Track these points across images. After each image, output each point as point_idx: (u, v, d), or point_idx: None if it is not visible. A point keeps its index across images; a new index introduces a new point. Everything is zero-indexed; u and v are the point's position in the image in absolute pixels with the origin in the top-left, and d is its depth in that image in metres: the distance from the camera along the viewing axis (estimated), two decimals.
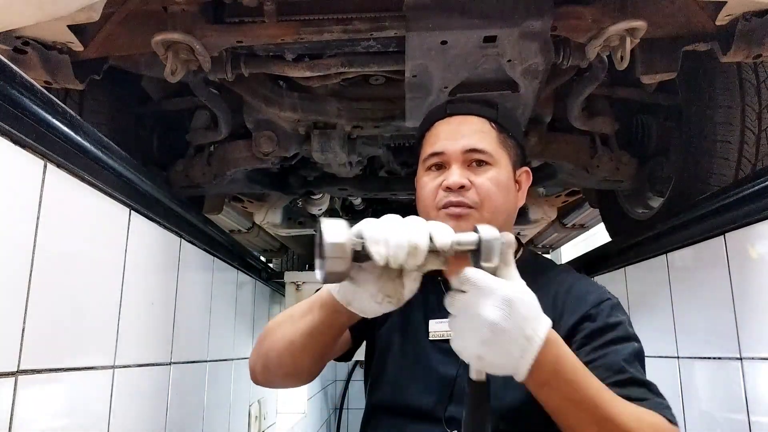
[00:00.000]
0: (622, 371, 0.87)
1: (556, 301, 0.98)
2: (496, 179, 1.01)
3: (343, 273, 0.72)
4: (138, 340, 1.20)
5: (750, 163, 1.55)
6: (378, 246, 0.72)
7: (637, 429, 0.78)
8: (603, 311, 0.94)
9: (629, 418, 0.79)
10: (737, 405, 1.28)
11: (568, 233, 3.37)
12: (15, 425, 0.79)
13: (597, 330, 0.92)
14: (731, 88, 1.54)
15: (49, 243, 0.87)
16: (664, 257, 1.63)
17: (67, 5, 0.96)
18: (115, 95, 1.67)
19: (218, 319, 1.77)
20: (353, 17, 1.24)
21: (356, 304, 0.81)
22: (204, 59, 1.27)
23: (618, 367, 0.87)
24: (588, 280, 1.05)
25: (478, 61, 1.27)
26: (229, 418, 1.91)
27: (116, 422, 1.08)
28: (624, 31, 1.21)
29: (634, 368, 0.88)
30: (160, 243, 1.35)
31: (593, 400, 0.77)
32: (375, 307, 0.79)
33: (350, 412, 5.09)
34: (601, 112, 1.82)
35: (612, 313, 0.94)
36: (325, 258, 0.70)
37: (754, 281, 1.24)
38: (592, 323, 0.93)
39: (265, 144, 1.74)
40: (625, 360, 0.89)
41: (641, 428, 0.79)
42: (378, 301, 0.79)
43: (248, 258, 2.18)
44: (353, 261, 0.72)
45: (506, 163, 1.03)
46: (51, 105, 0.87)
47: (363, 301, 0.79)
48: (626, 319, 0.96)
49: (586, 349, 0.91)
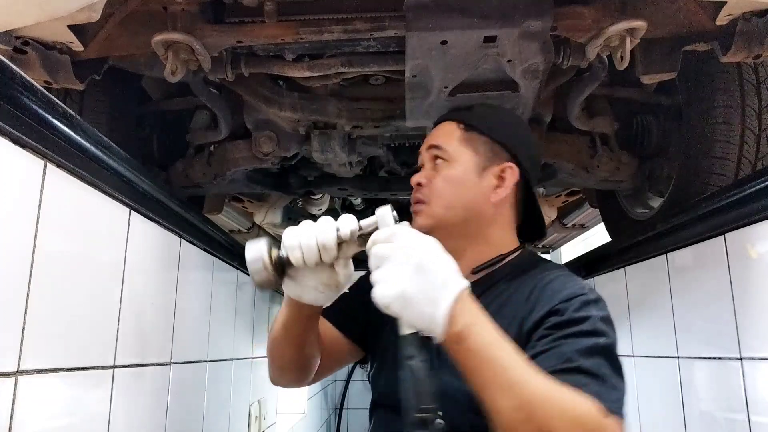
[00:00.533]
0: (570, 360, 0.83)
1: (530, 295, 0.96)
2: (448, 175, 1.05)
3: (269, 281, 0.89)
4: (138, 340, 1.20)
5: (750, 163, 1.55)
6: (294, 251, 0.87)
7: (548, 399, 0.75)
8: (572, 306, 0.90)
9: (543, 389, 0.76)
10: (737, 405, 1.28)
11: (568, 233, 3.37)
12: (15, 425, 0.79)
13: (561, 323, 0.89)
14: (731, 88, 1.54)
15: (49, 243, 0.87)
16: (664, 257, 1.63)
17: (67, 5, 0.96)
18: (115, 95, 1.67)
19: (218, 319, 1.77)
20: (353, 17, 1.24)
21: (306, 297, 0.95)
22: (204, 59, 1.27)
23: (568, 356, 0.83)
24: (571, 278, 0.99)
25: (478, 61, 1.27)
26: (229, 418, 1.91)
27: (116, 422, 1.08)
28: (624, 31, 1.20)
29: (588, 360, 0.83)
30: (160, 243, 1.35)
31: (505, 365, 0.77)
32: (320, 296, 0.95)
33: (350, 412, 5.09)
34: (601, 112, 1.82)
35: (581, 308, 0.90)
36: (250, 273, 0.89)
37: (754, 281, 1.24)
38: (558, 317, 0.90)
39: (265, 144, 1.74)
40: (579, 351, 0.84)
41: (551, 399, 0.75)
42: (321, 291, 0.94)
43: None
44: (285, 266, 0.90)
45: (467, 159, 1.05)
46: (51, 105, 0.87)
47: (309, 293, 0.94)
48: (600, 315, 0.89)
49: (545, 340, 0.87)
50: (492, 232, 1.07)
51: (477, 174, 1.05)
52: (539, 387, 0.76)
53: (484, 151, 1.06)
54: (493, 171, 1.05)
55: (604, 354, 0.85)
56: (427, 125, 1.57)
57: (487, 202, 1.04)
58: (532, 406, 0.75)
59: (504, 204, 1.06)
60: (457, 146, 1.07)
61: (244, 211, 2.84)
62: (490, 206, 1.05)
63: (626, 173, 1.87)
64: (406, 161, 2.02)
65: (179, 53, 1.25)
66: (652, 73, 1.37)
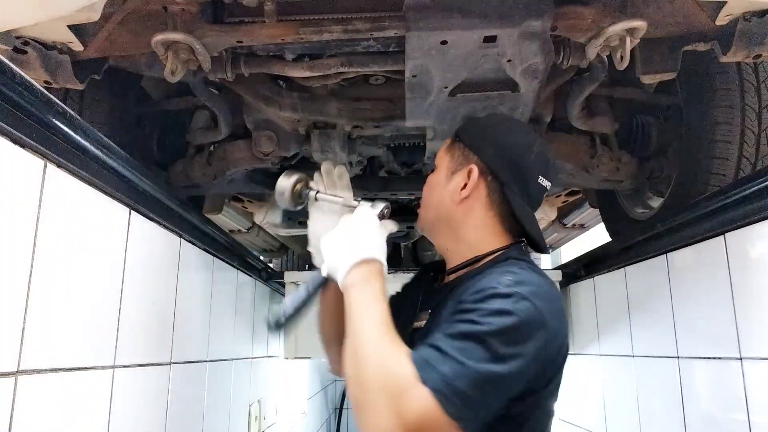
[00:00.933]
0: (435, 339, 0.87)
1: (465, 291, 0.96)
2: (429, 180, 1.17)
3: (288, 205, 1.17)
4: (138, 340, 1.20)
5: (750, 163, 1.55)
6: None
7: (374, 352, 0.87)
8: (476, 297, 0.90)
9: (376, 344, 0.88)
10: (737, 405, 1.28)
11: (568, 233, 3.38)
12: (15, 425, 0.79)
13: (459, 310, 0.91)
14: (731, 88, 1.54)
15: (49, 243, 0.87)
16: (664, 257, 1.63)
17: (67, 5, 0.96)
18: (115, 95, 1.67)
19: (218, 319, 1.78)
20: (353, 17, 1.24)
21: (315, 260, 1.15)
22: (204, 59, 1.27)
23: (437, 336, 0.87)
24: (505, 274, 0.96)
25: (478, 61, 1.27)
26: (229, 418, 1.91)
27: (116, 422, 1.08)
28: (624, 31, 1.20)
29: (448, 341, 0.85)
30: (160, 243, 1.35)
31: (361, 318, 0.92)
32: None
33: (350, 412, 5.09)
34: (601, 112, 1.82)
35: (483, 300, 0.89)
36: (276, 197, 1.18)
37: (754, 281, 1.24)
38: (462, 305, 0.91)
39: (265, 144, 1.74)
40: (447, 333, 0.86)
41: (377, 353, 0.87)
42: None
43: (248, 258, 2.18)
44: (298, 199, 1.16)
45: (444, 166, 1.13)
46: (51, 105, 0.87)
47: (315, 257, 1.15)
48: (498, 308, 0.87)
49: (441, 326, 0.91)
50: (466, 233, 1.09)
51: (447, 177, 1.12)
52: (373, 341, 0.89)
53: (457, 156, 1.12)
54: (461, 173, 1.09)
55: (473, 340, 0.85)
56: (426, 125, 1.57)
57: (453, 203, 1.09)
58: (359, 354, 0.88)
59: (473, 205, 1.08)
60: (442, 155, 1.16)
61: (244, 211, 2.84)
62: (456, 207, 1.09)
63: (626, 173, 1.87)
64: (405, 161, 2.02)
65: (179, 53, 1.25)
66: (652, 73, 1.37)
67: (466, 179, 1.08)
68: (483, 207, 1.08)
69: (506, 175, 1.07)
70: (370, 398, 0.84)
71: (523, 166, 1.06)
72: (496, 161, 1.08)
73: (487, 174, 1.07)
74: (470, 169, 1.08)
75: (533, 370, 0.89)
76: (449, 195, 1.09)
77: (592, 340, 2.23)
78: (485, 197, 1.08)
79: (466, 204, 1.08)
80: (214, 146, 1.87)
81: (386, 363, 0.85)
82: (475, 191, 1.07)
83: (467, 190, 1.07)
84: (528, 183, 1.07)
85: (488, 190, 1.08)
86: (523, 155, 1.07)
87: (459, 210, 1.09)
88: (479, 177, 1.07)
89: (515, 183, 1.07)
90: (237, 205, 2.74)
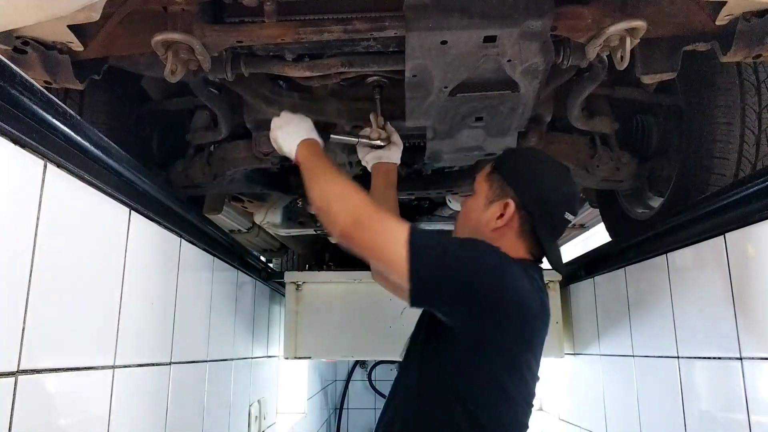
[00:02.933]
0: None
1: None
2: (467, 203, 1.35)
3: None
4: (138, 340, 1.20)
5: (750, 163, 1.55)
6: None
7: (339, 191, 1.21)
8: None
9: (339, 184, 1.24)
10: (737, 405, 1.28)
11: (568, 233, 3.38)
12: (15, 425, 0.79)
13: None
14: (731, 88, 1.54)
15: (49, 243, 0.87)
16: (664, 257, 1.63)
17: (67, 5, 0.96)
18: (115, 95, 1.67)
19: (218, 319, 1.78)
20: (353, 17, 1.24)
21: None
22: (204, 59, 1.27)
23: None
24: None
25: (478, 61, 1.27)
26: (229, 418, 1.91)
27: (116, 422, 1.08)
28: (624, 31, 1.20)
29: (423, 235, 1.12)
30: (160, 243, 1.35)
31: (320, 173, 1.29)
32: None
33: (350, 412, 5.09)
34: (601, 112, 1.82)
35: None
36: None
37: (754, 281, 1.24)
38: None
39: (265, 144, 1.74)
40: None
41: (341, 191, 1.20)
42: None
43: (248, 258, 2.18)
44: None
45: (482, 193, 1.29)
46: (51, 105, 0.87)
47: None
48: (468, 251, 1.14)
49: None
50: None
51: (485, 204, 1.27)
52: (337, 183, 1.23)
53: (495, 187, 1.27)
54: (499, 204, 1.25)
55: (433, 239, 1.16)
56: (426, 125, 1.57)
57: (488, 229, 1.25)
58: (322, 197, 1.23)
59: (506, 233, 1.24)
60: (481, 182, 1.31)
61: (244, 211, 2.84)
62: (491, 232, 1.25)
63: (626, 173, 1.87)
64: (405, 161, 2.01)
65: (179, 53, 1.25)
66: (652, 73, 1.37)
67: (503, 210, 1.24)
68: (514, 235, 1.24)
69: (537, 212, 1.23)
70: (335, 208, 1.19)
71: (552, 205, 1.23)
72: (530, 199, 1.23)
73: (521, 209, 1.23)
74: (507, 203, 1.24)
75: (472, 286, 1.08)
76: (486, 221, 1.26)
77: (592, 340, 2.23)
78: (517, 228, 1.24)
79: (500, 231, 1.24)
80: (214, 146, 1.87)
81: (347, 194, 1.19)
82: (510, 222, 1.24)
83: (503, 221, 1.23)
84: (555, 218, 1.24)
85: (521, 222, 1.23)
86: (553, 195, 1.24)
87: (493, 235, 1.24)
88: (515, 211, 1.23)
89: (544, 218, 1.23)
90: (237, 205, 2.74)
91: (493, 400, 1.12)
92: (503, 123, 1.55)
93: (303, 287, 2.42)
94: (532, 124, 1.69)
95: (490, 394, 1.12)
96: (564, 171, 1.30)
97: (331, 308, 2.40)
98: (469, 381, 1.12)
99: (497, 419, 1.12)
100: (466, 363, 1.13)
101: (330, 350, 2.43)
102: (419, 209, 2.68)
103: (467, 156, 1.77)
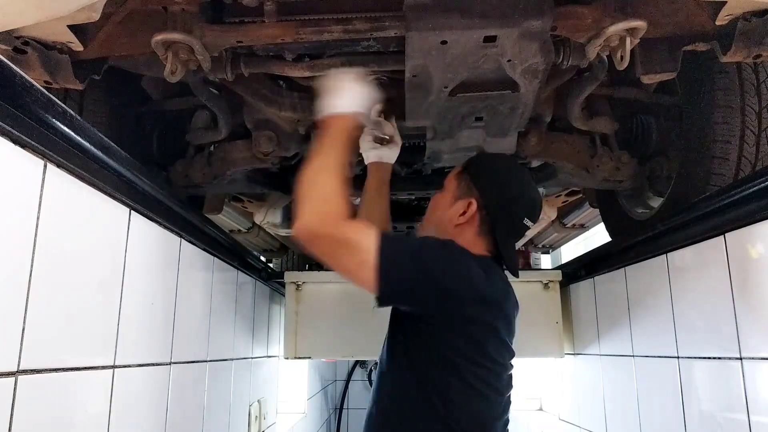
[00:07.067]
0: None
1: None
2: (436, 198, 1.41)
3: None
4: (138, 340, 1.20)
5: (750, 163, 1.55)
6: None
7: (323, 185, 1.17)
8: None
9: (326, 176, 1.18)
10: (737, 405, 1.28)
11: (568, 233, 3.38)
12: (15, 425, 0.79)
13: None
14: (731, 88, 1.54)
15: (49, 243, 0.87)
16: (664, 257, 1.63)
17: (67, 5, 0.96)
18: (115, 95, 1.67)
19: (218, 319, 1.78)
20: (353, 17, 1.24)
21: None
22: (204, 59, 1.27)
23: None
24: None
25: (478, 61, 1.27)
26: (229, 418, 1.91)
27: (116, 422, 1.08)
28: (624, 31, 1.20)
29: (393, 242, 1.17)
30: (160, 243, 1.35)
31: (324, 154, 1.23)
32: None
33: (350, 412, 5.09)
34: (601, 112, 1.82)
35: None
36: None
37: (754, 281, 1.24)
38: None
39: (265, 144, 1.74)
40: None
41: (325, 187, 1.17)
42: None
43: (248, 258, 2.18)
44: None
45: (450, 191, 1.36)
46: (51, 105, 0.87)
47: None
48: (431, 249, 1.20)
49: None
50: None
51: (451, 201, 1.34)
52: (330, 183, 1.17)
53: (462, 186, 1.34)
54: (463, 202, 1.32)
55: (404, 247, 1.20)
56: (426, 125, 1.57)
57: (450, 224, 1.32)
58: (309, 182, 1.18)
59: (466, 229, 1.31)
60: (451, 179, 1.38)
61: (244, 211, 2.84)
62: (453, 228, 1.32)
63: (626, 173, 1.87)
64: (405, 161, 2.01)
65: (179, 53, 1.25)
66: (652, 73, 1.37)
67: (466, 208, 1.30)
68: (474, 233, 1.31)
69: (498, 214, 1.30)
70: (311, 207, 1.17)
71: (513, 210, 1.31)
72: (492, 202, 1.30)
73: (483, 209, 1.30)
74: (470, 202, 1.30)
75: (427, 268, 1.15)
76: (449, 217, 1.33)
77: (592, 340, 2.23)
78: (477, 226, 1.31)
79: (461, 228, 1.31)
80: (214, 146, 1.87)
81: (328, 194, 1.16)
82: (471, 220, 1.30)
83: (464, 218, 1.31)
84: (514, 222, 1.31)
85: (480, 222, 1.30)
86: (515, 201, 1.31)
87: (454, 231, 1.31)
88: (476, 211, 1.30)
89: (504, 221, 1.30)
90: (237, 205, 2.74)
91: (454, 388, 1.17)
92: (503, 123, 1.55)
93: (303, 287, 2.42)
94: (532, 124, 1.70)
95: (450, 385, 1.17)
96: (529, 180, 1.37)
97: (331, 308, 2.39)
98: (429, 369, 1.18)
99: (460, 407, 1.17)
100: (425, 348, 1.19)
101: (330, 350, 2.42)
102: (419, 209, 2.68)
103: (467, 156, 1.77)
